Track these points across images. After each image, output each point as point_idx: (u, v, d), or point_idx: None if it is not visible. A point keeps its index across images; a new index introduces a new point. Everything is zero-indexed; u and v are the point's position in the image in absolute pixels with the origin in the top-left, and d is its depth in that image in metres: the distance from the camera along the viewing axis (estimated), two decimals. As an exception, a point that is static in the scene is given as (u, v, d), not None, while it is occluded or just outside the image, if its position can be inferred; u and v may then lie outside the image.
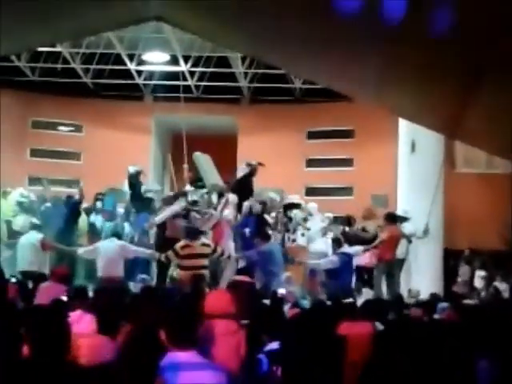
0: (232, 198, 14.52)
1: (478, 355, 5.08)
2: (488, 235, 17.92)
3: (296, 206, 15.44)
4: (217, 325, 5.77)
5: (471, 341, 5.30)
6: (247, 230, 14.27)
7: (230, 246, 13.53)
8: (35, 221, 13.80)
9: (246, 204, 14.76)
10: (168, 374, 4.05)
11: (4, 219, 15.17)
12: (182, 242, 11.90)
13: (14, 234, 14.85)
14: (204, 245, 11.89)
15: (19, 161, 21.87)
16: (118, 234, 13.06)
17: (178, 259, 11.74)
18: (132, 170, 16.54)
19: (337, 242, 13.73)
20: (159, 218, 13.84)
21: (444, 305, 9.55)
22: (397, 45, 7.19)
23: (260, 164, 15.69)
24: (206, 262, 11.76)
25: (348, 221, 16.07)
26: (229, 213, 14.24)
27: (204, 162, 15.96)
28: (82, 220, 14.95)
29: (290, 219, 14.97)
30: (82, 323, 6.09)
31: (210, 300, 6.07)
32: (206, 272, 11.65)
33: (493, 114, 7.91)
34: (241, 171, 15.72)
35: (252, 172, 15.57)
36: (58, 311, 4.80)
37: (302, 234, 15.06)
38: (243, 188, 15.05)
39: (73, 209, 14.64)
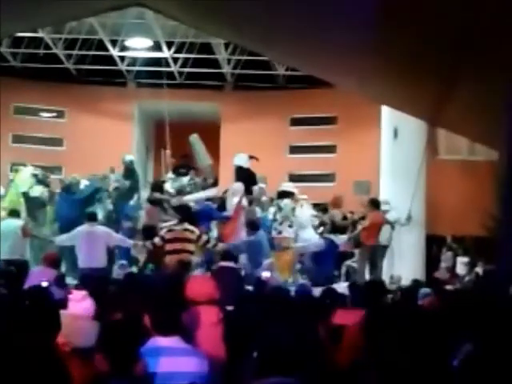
0: (239, 186, 14.63)
1: (458, 339, 5.13)
2: (470, 221, 18.01)
3: (289, 194, 15.39)
4: (203, 311, 5.77)
5: (452, 325, 5.35)
6: None
7: (241, 235, 13.61)
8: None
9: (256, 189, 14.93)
10: (149, 359, 4.07)
11: (21, 191, 15.11)
12: (166, 227, 12.00)
13: (32, 200, 14.92)
14: (187, 230, 11.89)
15: (1, 147, 21.71)
16: (92, 217, 12.83)
17: (164, 244, 11.80)
18: (128, 158, 16.54)
19: (330, 228, 13.83)
20: (190, 197, 13.88)
21: (426, 290, 9.62)
22: (381, 34, 7.21)
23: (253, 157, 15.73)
24: (190, 246, 11.81)
25: (326, 208, 16.13)
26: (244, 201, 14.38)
27: (199, 144, 15.97)
28: None
29: (280, 209, 14.93)
30: (82, 304, 6.01)
31: (192, 286, 6.06)
32: (191, 257, 11.76)
33: (474, 101, 7.96)
34: (240, 161, 15.62)
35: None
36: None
37: (290, 226, 15.06)
38: (248, 178, 15.05)
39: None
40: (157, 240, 11.93)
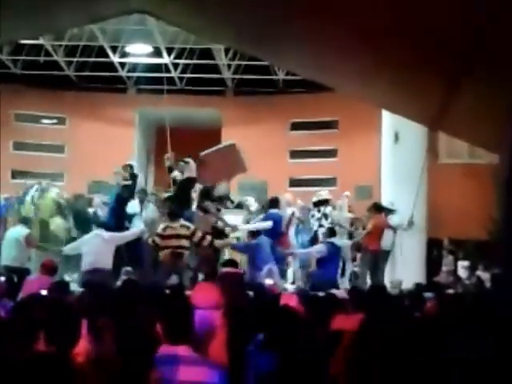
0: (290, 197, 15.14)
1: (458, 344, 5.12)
2: (471, 225, 18.04)
3: (327, 201, 15.37)
4: (207, 317, 5.78)
5: (453, 330, 5.35)
6: None
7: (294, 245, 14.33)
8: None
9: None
10: (163, 368, 4.06)
11: (41, 218, 14.83)
12: (163, 225, 12.26)
13: (48, 231, 14.70)
14: (183, 226, 12.24)
15: (2, 154, 21.71)
16: (104, 226, 13.01)
17: (162, 240, 12.11)
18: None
19: (329, 232, 13.82)
20: (246, 227, 13.98)
21: (428, 295, 9.62)
22: (381, 38, 7.23)
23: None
24: (185, 242, 12.14)
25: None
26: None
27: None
28: None
29: (326, 216, 14.89)
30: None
31: (198, 292, 6.08)
32: (185, 252, 12.13)
33: (476, 106, 7.97)
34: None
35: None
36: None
37: None
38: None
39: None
40: (156, 238, 12.24)
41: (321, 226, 14.52)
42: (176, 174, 15.18)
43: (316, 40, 8.40)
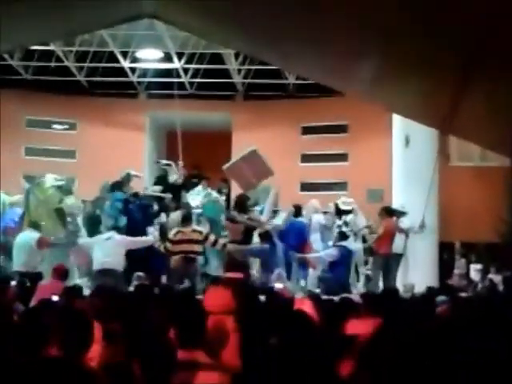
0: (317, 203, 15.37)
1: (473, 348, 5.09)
2: (483, 228, 17.98)
3: (350, 210, 15.37)
4: (227, 321, 5.77)
5: (468, 333, 5.32)
6: None
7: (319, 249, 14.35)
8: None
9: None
10: (180, 373, 4.07)
11: (53, 208, 14.79)
12: (174, 229, 12.25)
13: (66, 214, 14.47)
14: (195, 231, 12.28)
15: (14, 159, 21.83)
16: (117, 228, 13.05)
17: (172, 246, 12.12)
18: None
19: (341, 235, 13.80)
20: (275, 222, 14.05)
21: (442, 298, 9.59)
22: (391, 42, 7.22)
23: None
24: (197, 247, 12.19)
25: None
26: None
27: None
28: None
29: (346, 224, 14.88)
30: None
31: (211, 296, 6.06)
32: (197, 257, 12.23)
33: (486, 109, 7.95)
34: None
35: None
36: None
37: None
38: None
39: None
40: (168, 244, 12.21)
41: (341, 232, 14.52)
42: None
43: (323, 41, 8.41)
